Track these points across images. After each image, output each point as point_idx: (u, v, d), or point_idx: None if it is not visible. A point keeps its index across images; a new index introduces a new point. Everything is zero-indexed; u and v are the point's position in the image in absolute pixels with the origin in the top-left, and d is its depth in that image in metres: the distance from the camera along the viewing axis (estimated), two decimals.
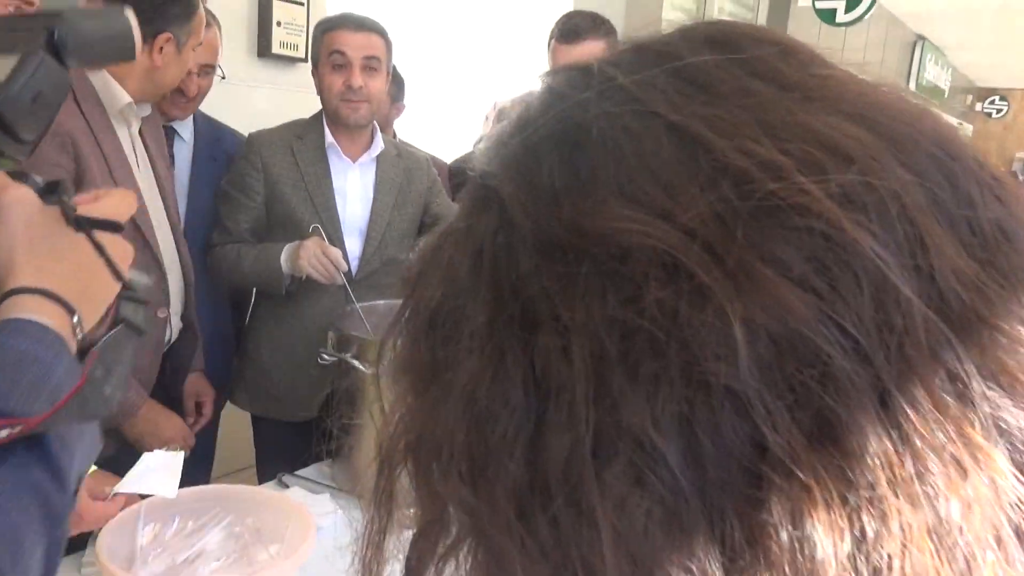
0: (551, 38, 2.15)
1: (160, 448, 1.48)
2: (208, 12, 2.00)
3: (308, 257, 1.77)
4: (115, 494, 1.21)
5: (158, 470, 1.23)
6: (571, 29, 2.09)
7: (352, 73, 1.87)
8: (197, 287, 1.79)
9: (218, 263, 1.92)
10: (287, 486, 1.62)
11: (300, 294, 1.92)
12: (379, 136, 2.03)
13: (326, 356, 1.59)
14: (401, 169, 2.07)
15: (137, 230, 1.54)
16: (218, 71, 2.02)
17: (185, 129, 2.03)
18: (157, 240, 1.61)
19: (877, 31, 9.67)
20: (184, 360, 1.82)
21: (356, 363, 1.53)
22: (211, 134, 2.10)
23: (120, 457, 1.35)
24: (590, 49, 2.06)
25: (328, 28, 1.92)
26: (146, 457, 1.25)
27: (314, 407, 1.83)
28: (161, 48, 1.54)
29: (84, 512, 1.17)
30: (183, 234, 1.79)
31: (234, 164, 1.97)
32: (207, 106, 2.77)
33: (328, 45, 1.90)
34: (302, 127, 2.00)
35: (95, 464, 1.25)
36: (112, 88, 1.53)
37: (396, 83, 2.58)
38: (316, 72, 1.96)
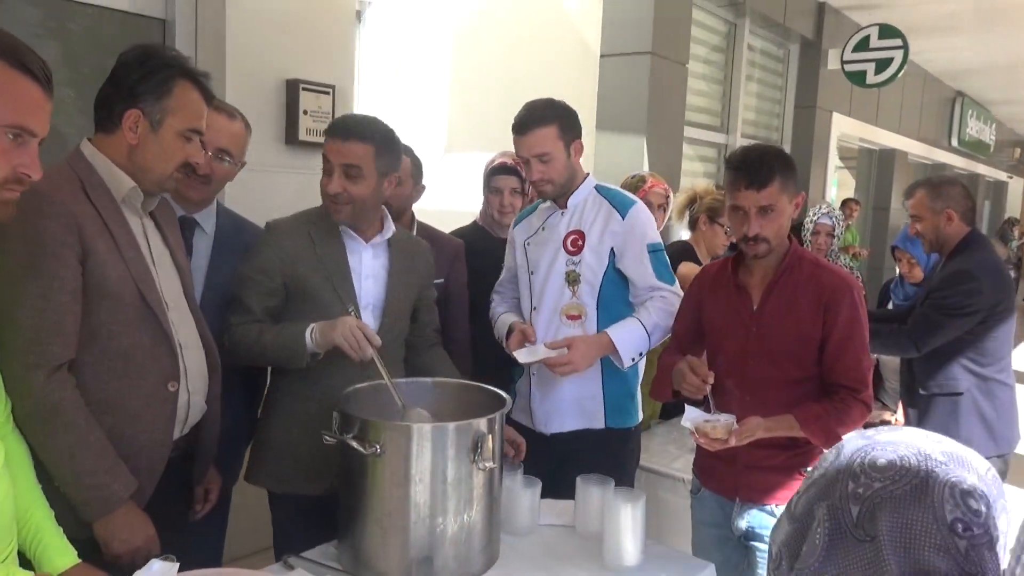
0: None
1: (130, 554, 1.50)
2: (232, 107, 2.12)
3: (343, 330, 1.83)
4: None
5: None
6: (519, 122, 2.24)
7: (332, 180, 1.98)
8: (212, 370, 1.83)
9: (238, 340, 1.98)
10: (292, 567, 1.64)
11: (316, 370, 1.98)
12: (389, 221, 2.12)
13: (328, 437, 1.62)
14: (408, 253, 2.17)
15: (144, 303, 1.60)
16: (229, 159, 2.07)
17: (207, 222, 2.10)
18: (167, 315, 1.67)
19: (913, 89, 9.64)
20: (208, 445, 1.86)
21: (355, 444, 1.56)
22: (231, 227, 2.17)
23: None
24: (540, 136, 2.20)
25: (326, 132, 2.03)
26: (140, 573, 1.28)
27: (329, 481, 1.86)
28: (135, 126, 1.59)
29: None
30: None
31: (253, 249, 2.06)
32: (239, 192, 2.92)
33: (324, 149, 2.02)
34: (316, 214, 2.10)
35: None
36: (117, 176, 1.61)
37: (415, 166, 2.67)
38: None
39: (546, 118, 2.22)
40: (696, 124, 5.96)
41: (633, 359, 2.24)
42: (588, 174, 2.38)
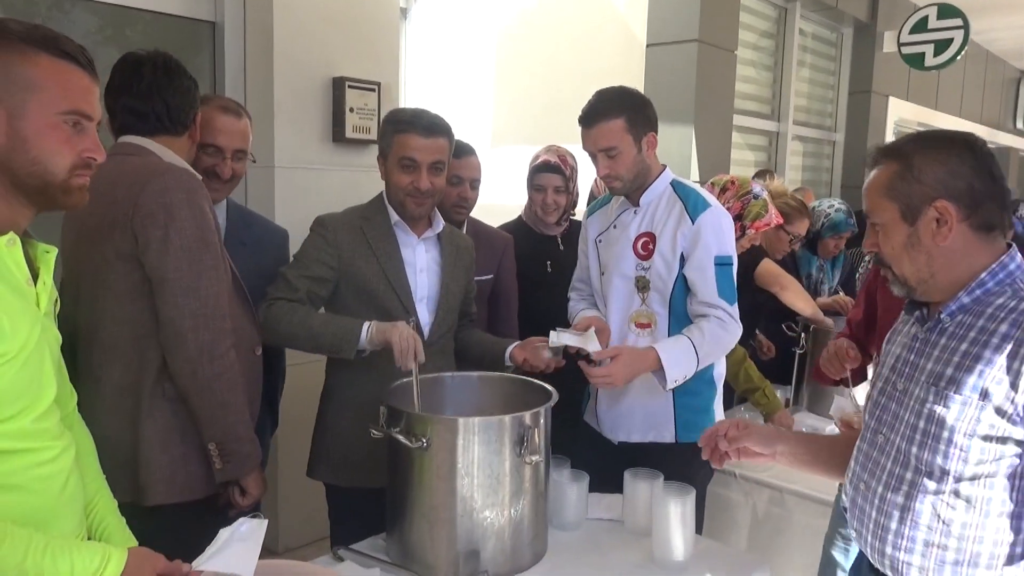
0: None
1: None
2: (235, 103, 2.15)
3: (402, 332, 1.84)
4: (196, 569, 1.19)
5: (241, 541, 1.24)
6: (584, 113, 2.13)
7: (421, 177, 1.97)
8: None
9: (278, 315, 1.95)
10: (341, 559, 1.66)
11: (376, 362, 1.97)
12: (438, 216, 2.13)
13: (375, 431, 1.63)
14: (455, 247, 2.17)
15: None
16: (249, 156, 2.15)
17: (218, 215, 2.11)
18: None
19: (975, 70, 9.30)
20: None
21: (401, 438, 1.57)
22: (242, 220, 2.22)
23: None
24: (605, 130, 2.08)
25: (399, 130, 2.00)
26: (223, 533, 1.25)
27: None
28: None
29: None
30: None
31: (307, 239, 2.07)
32: (286, 189, 2.96)
33: (399, 148, 1.99)
34: (366, 209, 2.11)
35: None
36: (191, 169, 1.74)
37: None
38: (383, 162, 2.06)
39: (612, 110, 2.09)
40: (746, 112, 5.85)
41: (676, 381, 2.02)
42: (665, 167, 2.22)
